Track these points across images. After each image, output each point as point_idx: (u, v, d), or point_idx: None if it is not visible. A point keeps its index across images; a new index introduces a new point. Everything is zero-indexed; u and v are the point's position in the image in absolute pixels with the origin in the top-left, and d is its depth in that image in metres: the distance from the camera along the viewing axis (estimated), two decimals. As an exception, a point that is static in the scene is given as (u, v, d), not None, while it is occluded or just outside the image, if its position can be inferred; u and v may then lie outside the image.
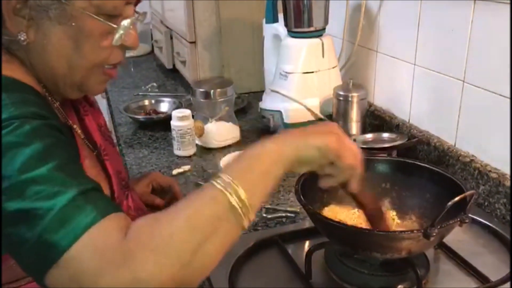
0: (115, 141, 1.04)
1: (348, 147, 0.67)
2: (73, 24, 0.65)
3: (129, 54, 2.52)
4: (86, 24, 0.66)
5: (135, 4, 0.72)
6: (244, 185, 0.58)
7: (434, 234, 0.69)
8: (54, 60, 0.68)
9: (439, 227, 0.70)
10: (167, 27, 2.05)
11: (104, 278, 0.50)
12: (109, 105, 1.87)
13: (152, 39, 2.45)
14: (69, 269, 0.51)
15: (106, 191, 0.76)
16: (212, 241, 0.55)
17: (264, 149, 0.63)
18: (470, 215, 0.73)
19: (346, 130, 1.28)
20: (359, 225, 0.87)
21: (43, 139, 0.57)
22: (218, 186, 0.57)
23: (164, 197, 1.08)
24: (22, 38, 0.65)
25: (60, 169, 0.55)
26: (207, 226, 0.55)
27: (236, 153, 1.21)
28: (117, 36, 0.68)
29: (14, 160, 0.54)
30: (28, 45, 0.66)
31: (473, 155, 1.05)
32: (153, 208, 1.05)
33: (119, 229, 0.54)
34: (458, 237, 0.89)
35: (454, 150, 1.09)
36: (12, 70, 0.65)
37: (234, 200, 0.56)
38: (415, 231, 0.72)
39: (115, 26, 0.67)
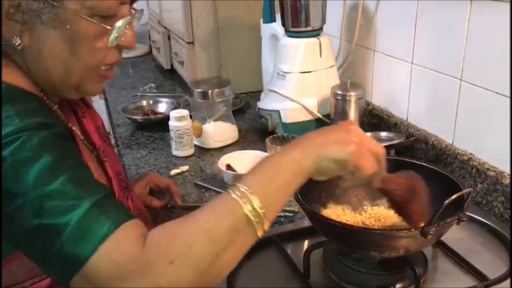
0: (113, 142, 1.04)
1: (368, 157, 0.65)
2: (67, 27, 0.64)
3: (127, 55, 2.53)
4: (80, 26, 0.65)
5: (131, 3, 0.71)
6: (261, 197, 0.59)
7: (432, 232, 0.69)
8: (50, 64, 0.67)
9: (436, 225, 0.70)
10: (165, 28, 2.05)
11: (127, 285, 0.54)
12: (107, 106, 1.87)
13: (150, 39, 2.45)
14: (90, 279, 0.54)
15: None
16: (229, 251, 0.57)
17: (285, 159, 0.63)
18: (468, 213, 0.73)
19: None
20: (357, 224, 0.88)
21: (51, 150, 0.58)
22: (236, 197, 0.58)
23: (162, 198, 1.08)
24: (16, 43, 0.65)
25: (71, 181, 0.57)
26: (224, 239, 0.57)
27: (233, 154, 1.21)
28: (111, 37, 0.68)
29: (26, 175, 0.55)
30: (23, 50, 0.66)
31: (471, 154, 1.05)
32: (152, 209, 1.05)
33: (135, 239, 0.56)
34: (456, 236, 0.89)
35: (452, 149, 1.09)
36: (11, 75, 0.65)
37: (250, 213, 0.58)
38: (412, 230, 0.72)
39: (109, 27, 0.67)
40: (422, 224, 0.73)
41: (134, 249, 0.55)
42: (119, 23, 0.67)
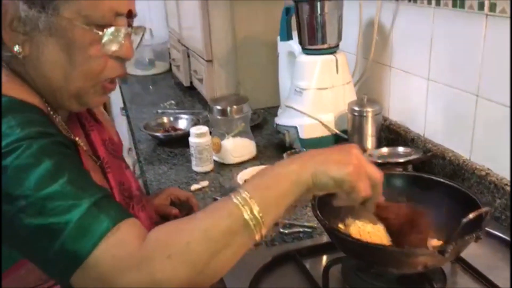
0: (134, 157, 1.07)
1: (364, 181, 0.68)
2: (63, 34, 0.67)
3: (147, 72, 2.59)
4: (75, 34, 0.67)
5: (129, 16, 0.73)
6: (260, 203, 0.62)
7: (449, 250, 0.70)
8: (49, 71, 0.69)
9: (454, 243, 0.70)
10: (184, 46, 2.10)
11: (125, 279, 0.56)
12: (129, 123, 1.91)
13: (169, 57, 2.51)
14: (91, 273, 0.57)
15: None
16: (226, 252, 0.60)
17: (285, 170, 0.66)
18: (487, 228, 0.73)
19: (362, 145, 1.30)
20: (376, 240, 0.88)
21: (51, 157, 0.61)
22: (236, 202, 0.61)
23: (182, 210, 1.10)
24: (18, 51, 0.67)
25: (71, 183, 0.60)
26: (222, 239, 0.60)
27: (251, 169, 1.24)
28: (102, 42, 0.69)
29: (27, 180, 0.58)
30: (25, 59, 0.68)
31: (488, 169, 1.05)
32: (170, 219, 1.07)
33: (134, 235, 0.59)
34: (476, 251, 0.89)
35: (469, 164, 1.09)
36: (15, 90, 0.67)
37: (248, 216, 0.61)
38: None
39: (100, 33, 0.68)
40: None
41: (133, 244, 0.58)
42: (110, 30, 0.69)
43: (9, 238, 0.62)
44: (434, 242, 0.88)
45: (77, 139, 0.78)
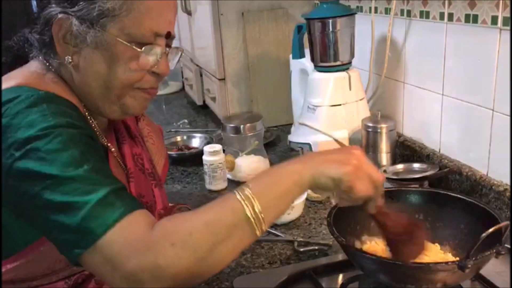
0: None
1: (363, 180, 0.70)
2: (107, 48, 0.74)
3: (161, 92, 2.61)
4: (117, 49, 0.74)
5: (167, 37, 0.79)
6: (262, 201, 0.64)
7: (469, 266, 0.68)
8: (92, 80, 0.76)
9: (474, 259, 0.69)
10: (197, 65, 2.12)
11: (131, 262, 0.59)
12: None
13: (182, 77, 2.53)
14: (102, 253, 0.60)
15: None
16: (226, 244, 0.63)
17: (287, 169, 0.69)
18: (507, 245, 0.72)
19: (376, 161, 1.29)
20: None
21: (78, 146, 0.66)
22: (239, 198, 0.64)
23: None
24: (68, 61, 0.75)
25: (94, 171, 0.65)
26: (223, 231, 0.63)
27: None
28: (141, 58, 0.75)
29: (55, 162, 0.63)
30: (73, 68, 0.76)
31: (506, 184, 1.03)
32: None
33: (145, 223, 0.63)
34: (496, 268, 0.87)
35: (487, 179, 1.07)
36: (57, 89, 0.74)
37: (250, 213, 0.63)
38: (449, 263, 0.72)
39: (139, 50, 0.75)
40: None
41: (143, 230, 0.62)
42: (148, 47, 0.75)
43: (30, 213, 0.66)
44: (452, 259, 0.86)
45: (109, 145, 0.84)
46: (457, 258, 0.86)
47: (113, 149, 0.85)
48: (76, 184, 0.62)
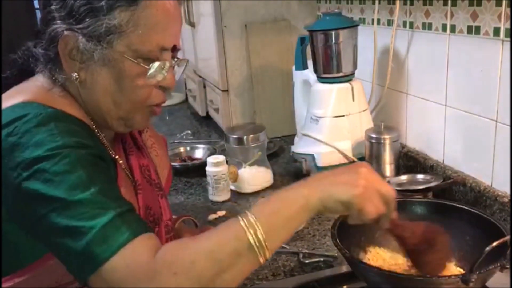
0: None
1: (373, 201, 0.68)
2: (114, 65, 0.74)
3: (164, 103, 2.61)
4: (125, 65, 0.74)
5: (173, 50, 0.79)
6: (266, 227, 0.63)
7: (473, 280, 0.68)
8: (100, 96, 0.76)
9: (477, 272, 0.68)
10: (200, 77, 2.13)
11: None
12: (146, 153, 1.92)
13: (186, 88, 2.54)
14: (106, 278, 0.60)
15: None
16: (230, 272, 0.62)
17: (293, 194, 0.68)
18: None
19: (380, 172, 1.29)
20: (397, 268, 0.86)
21: (85, 167, 0.65)
22: (243, 224, 0.63)
23: None
24: (75, 78, 0.75)
25: (101, 193, 0.64)
26: (226, 260, 0.61)
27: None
28: (148, 74, 0.75)
29: (62, 184, 0.63)
30: (80, 84, 0.76)
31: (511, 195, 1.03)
32: None
33: (149, 249, 0.62)
34: (502, 280, 0.86)
35: (491, 190, 1.07)
36: (65, 106, 0.74)
37: (253, 240, 0.62)
38: (453, 277, 0.71)
39: (146, 67, 0.75)
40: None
41: (146, 258, 0.61)
42: (155, 64, 0.75)
43: (38, 233, 0.66)
44: (456, 271, 0.86)
45: (117, 157, 0.84)
46: (461, 271, 0.85)
47: (121, 161, 0.85)
48: (83, 208, 0.62)
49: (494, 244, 0.71)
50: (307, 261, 1.01)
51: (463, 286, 0.69)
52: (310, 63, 1.48)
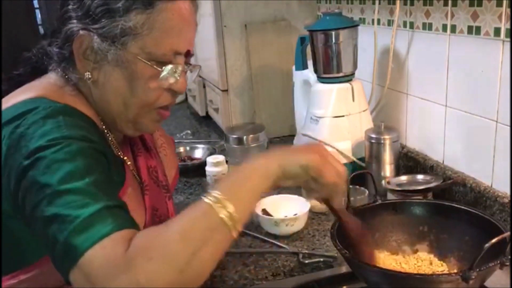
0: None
1: (330, 166, 0.73)
2: (127, 67, 0.75)
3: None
4: (138, 67, 0.75)
5: (186, 55, 0.80)
6: (233, 200, 0.64)
7: (473, 277, 0.68)
8: (111, 97, 0.77)
9: (477, 270, 0.68)
10: (200, 77, 2.13)
11: (112, 283, 0.57)
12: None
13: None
14: (84, 270, 0.58)
15: (141, 220, 0.82)
16: (205, 250, 0.61)
17: (252, 166, 0.70)
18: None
19: (380, 172, 1.28)
20: (397, 269, 0.86)
21: (85, 158, 0.65)
22: (208, 201, 0.63)
23: None
24: (88, 77, 0.76)
25: (94, 185, 0.63)
26: (199, 238, 0.61)
27: (268, 198, 1.22)
28: (160, 77, 0.76)
29: (57, 172, 0.62)
30: (92, 83, 0.77)
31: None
32: None
33: (126, 241, 0.60)
34: (501, 280, 0.86)
35: (491, 191, 1.07)
36: (75, 103, 0.75)
37: (223, 214, 0.62)
38: (453, 274, 0.71)
39: (160, 69, 0.75)
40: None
41: (122, 248, 0.59)
42: (168, 67, 0.76)
43: (32, 225, 0.65)
44: (454, 270, 0.86)
45: (125, 158, 0.85)
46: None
47: (129, 163, 0.85)
48: (73, 196, 0.61)
49: (494, 240, 0.70)
50: (306, 262, 1.01)
51: (463, 283, 0.69)
52: (310, 63, 1.47)
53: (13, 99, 0.73)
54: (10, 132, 0.67)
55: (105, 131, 0.81)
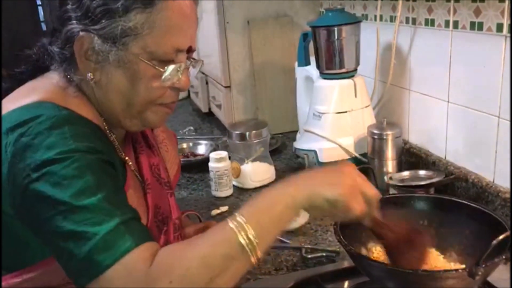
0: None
1: (359, 199, 0.71)
2: (129, 67, 0.74)
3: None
4: (140, 67, 0.74)
5: (188, 51, 0.79)
6: (256, 227, 0.64)
7: (480, 273, 0.68)
8: (114, 96, 0.77)
9: (484, 265, 0.69)
10: (203, 73, 2.13)
11: None
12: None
13: (188, 84, 2.54)
14: (105, 286, 0.60)
15: (144, 220, 0.82)
16: (223, 276, 0.62)
17: (279, 193, 0.69)
18: (514, 252, 0.72)
19: (382, 168, 1.29)
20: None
21: (94, 173, 0.66)
22: (232, 227, 0.63)
23: None
24: (90, 78, 0.76)
25: (107, 200, 0.64)
26: (219, 264, 0.62)
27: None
28: (163, 77, 0.76)
29: (70, 188, 0.63)
30: (94, 84, 0.77)
31: (513, 191, 1.03)
32: None
33: (147, 258, 0.62)
34: (503, 275, 0.87)
35: (493, 187, 1.07)
36: (78, 106, 0.75)
37: (244, 241, 0.63)
38: (460, 270, 0.71)
39: (162, 70, 0.75)
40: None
41: (144, 266, 0.61)
42: (170, 67, 0.76)
43: (42, 235, 0.66)
44: (456, 266, 0.86)
45: (127, 158, 0.84)
46: (463, 265, 0.86)
47: (130, 163, 0.85)
48: (88, 213, 0.62)
49: (501, 237, 0.71)
50: (309, 256, 1.02)
51: (469, 279, 0.69)
52: (312, 59, 1.48)
53: (17, 102, 0.72)
54: (15, 139, 0.66)
55: (108, 131, 0.80)
